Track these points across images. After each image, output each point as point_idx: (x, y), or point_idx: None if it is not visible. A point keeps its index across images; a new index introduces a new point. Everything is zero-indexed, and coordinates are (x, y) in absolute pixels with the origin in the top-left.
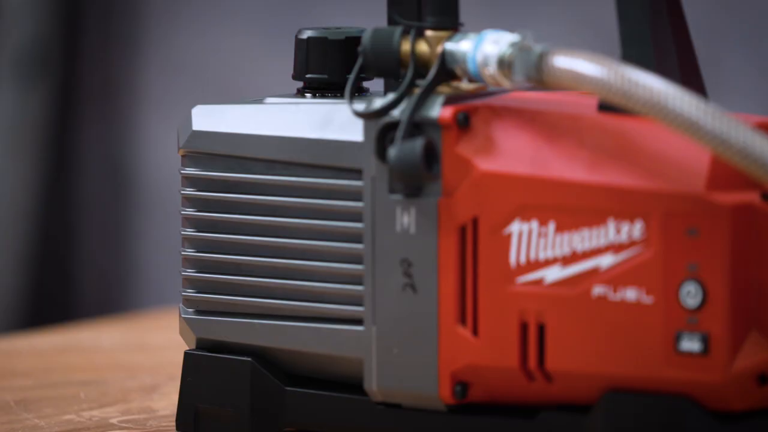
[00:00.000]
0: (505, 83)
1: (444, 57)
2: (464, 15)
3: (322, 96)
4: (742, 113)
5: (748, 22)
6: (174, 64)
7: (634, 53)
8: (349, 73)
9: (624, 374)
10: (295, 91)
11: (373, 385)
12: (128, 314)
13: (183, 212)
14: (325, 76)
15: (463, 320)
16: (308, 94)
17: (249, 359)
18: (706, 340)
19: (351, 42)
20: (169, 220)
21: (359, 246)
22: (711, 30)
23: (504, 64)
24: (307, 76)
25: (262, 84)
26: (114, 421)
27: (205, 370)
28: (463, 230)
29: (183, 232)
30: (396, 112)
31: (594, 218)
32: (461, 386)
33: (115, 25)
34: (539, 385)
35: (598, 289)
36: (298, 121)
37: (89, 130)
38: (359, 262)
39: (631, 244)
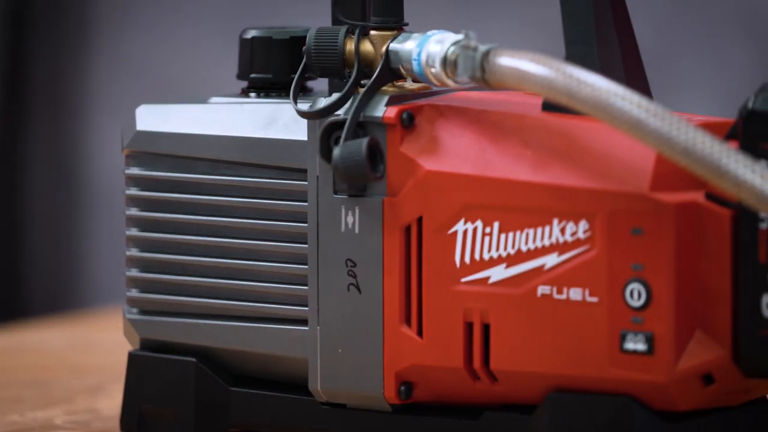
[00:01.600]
0: (450, 83)
1: (388, 57)
2: (419, 15)
3: (267, 96)
4: (687, 113)
5: (704, 21)
6: (122, 63)
7: (578, 53)
8: (294, 72)
9: (569, 374)
10: (239, 91)
11: (317, 385)
12: (74, 314)
13: (127, 212)
14: (270, 76)
15: (407, 320)
16: (253, 94)
17: (193, 359)
18: (650, 340)
19: (295, 42)
20: (116, 220)
21: (303, 246)
22: (666, 29)
23: (448, 63)
24: (252, 75)
25: (211, 83)
26: (58, 421)
27: (149, 371)
28: (407, 230)
29: (127, 232)
30: (340, 112)
31: (538, 218)
32: (406, 386)
33: (63, 23)
34: (484, 385)
35: (542, 289)
36: (243, 120)
37: (36, 129)
38: (304, 263)
39: (576, 243)
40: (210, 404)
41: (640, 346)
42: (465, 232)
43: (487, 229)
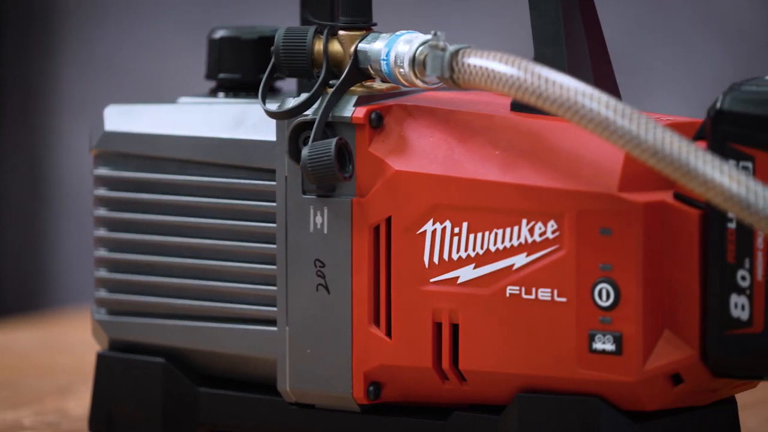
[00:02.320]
0: (418, 83)
1: (357, 57)
2: (388, 15)
3: (235, 96)
4: (656, 113)
5: (672, 21)
6: (90, 63)
7: (546, 53)
8: (262, 72)
9: (537, 374)
10: (208, 91)
11: (286, 385)
12: (43, 314)
13: (95, 213)
14: (238, 76)
15: (376, 320)
16: (221, 94)
17: (162, 360)
18: (619, 340)
19: (264, 42)
20: (85, 220)
21: (272, 246)
22: (635, 29)
23: (417, 63)
24: (220, 75)
25: (179, 83)
26: (27, 422)
27: (117, 372)
28: (376, 230)
29: (95, 233)
30: (309, 112)
31: (507, 218)
32: (375, 386)
33: (32, 24)
34: (453, 385)
35: (511, 289)
36: (211, 121)
37: (5, 130)
38: (272, 263)
39: (545, 243)
40: (178, 404)
41: (609, 346)
42: (434, 233)
43: (456, 230)
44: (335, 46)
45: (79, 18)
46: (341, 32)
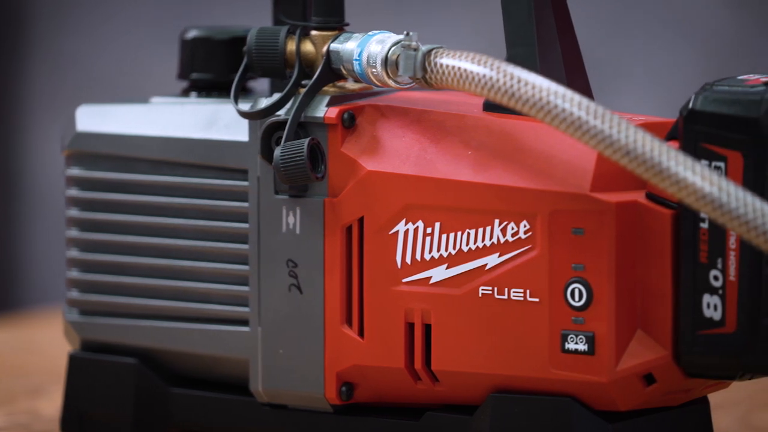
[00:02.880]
0: (391, 83)
1: (329, 57)
2: (361, 15)
3: (208, 96)
4: (628, 113)
5: (644, 22)
6: (61, 63)
7: (519, 53)
8: (235, 72)
9: (510, 374)
10: (180, 91)
11: (258, 386)
12: (16, 315)
13: (67, 213)
14: (211, 76)
15: (348, 321)
16: (194, 94)
17: (134, 360)
18: (591, 340)
19: (236, 42)
20: (57, 220)
21: (245, 246)
22: (607, 29)
23: (389, 63)
24: (193, 75)
25: (151, 83)
26: None
27: (89, 372)
28: (348, 230)
29: (67, 233)
30: (281, 112)
31: (479, 218)
32: (347, 387)
33: (1, 24)
34: (425, 386)
35: (484, 289)
36: (184, 121)
37: None
38: (245, 263)
39: (517, 243)
40: (151, 405)
41: (581, 346)
42: (406, 233)
43: (428, 230)
44: (308, 46)
45: (50, 18)
46: (314, 32)
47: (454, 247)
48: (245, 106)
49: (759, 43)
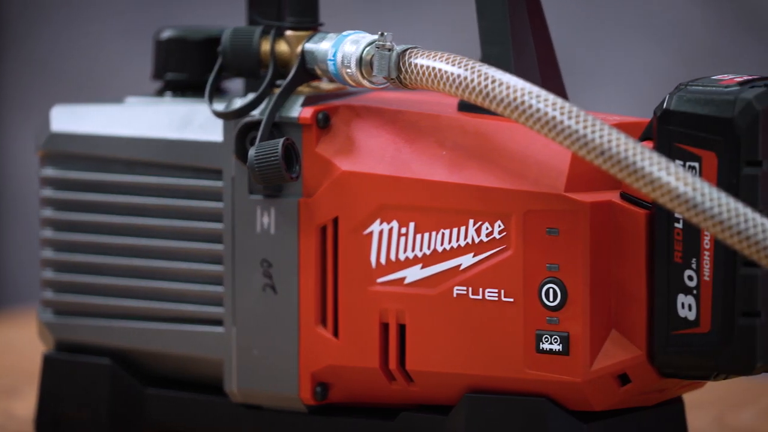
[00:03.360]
0: (365, 83)
1: (304, 57)
2: (335, 15)
3: (183, 96)
4: (602, 113)
5: (618, 21)
6: (36, 64)
7: (493, 53)
8: (210, 73)
9: (485, 374)
10: (155, 91)
11: (233, 386)
12: None
13: (42, 214)
14: (185, 76)
15: (323, 321)
16: (168, 94)
17: (108, 361)
18: (566, 340)
19: (211, 42)
20: (32, 220)
21: (219, 246)
22: (581, 29)
23: (364, 64)
24: (167, 76)
25: (126, 83)
26: None
27: (63, 372)
28: (323, 230)
29: (41, 234)
30: (256, 112)
31: (454, 218)
32: (322, 387)
33: None
34: (400, 386)
35: (458, 289)
36: (158, 121)
37: None
38: (219, 263)
39: (491, 244)
40: (125, 405)
41: (556, 347)
42: (381, 233)
43: (403, 230)
44: (282, 47)
45: (23, 17)
46: (288, 32)
47: (429, 248)
48: (220, 107)
49: (732, 43)
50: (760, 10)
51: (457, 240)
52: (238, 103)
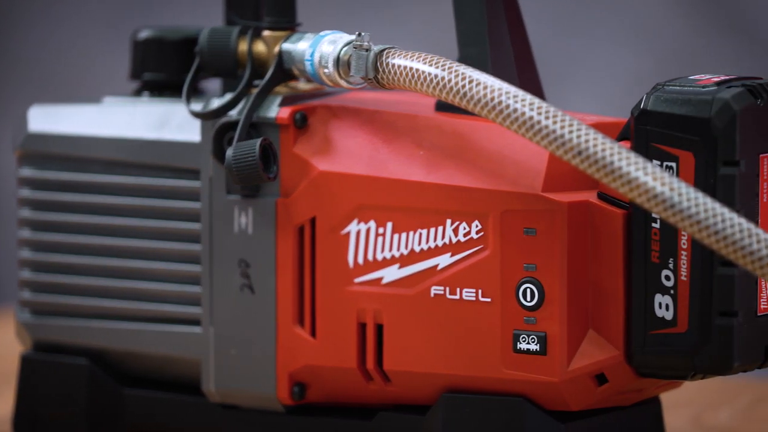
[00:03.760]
0: (343, 83)
1: (281, 57)
2: (313, 16)
3: (160, 96)
4: (580, 113)
5: (596, 21)
6: (11, 63)
7: (471, 53)
8: (187, 73)
9: (462, 374)
10: (132, 91)
11: (210, 386)
12: None
13: (19, 214)
14: (163, 76)
15: (301, 321)
16: (146, 94)
17: (85, 361)
18: (543, 340)
19: (188, 42)
20: (10, 220)
21: (197, 246)
22: (559, 29)
23: (341, 64)
24: (145, 76)
25: (103, 83)
26: None
27: (41, 372)
28: (301, 230)
29: (19, 234)
30: (233, 113)
31: (431, 218)
32: (299, 387)
33: None
34: (377, 386)
35: (435, 289)
36: (136, 121)
37: None
38: (197, 263)
39: (469, 244)
40: (103, 406)
41: (533, 346)
42: (358, 233)
43: (381, 230)
44: (259, 47)
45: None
46: (266, 32)
47: (406, 247)
48: (197, 107)
49: (708, 43)
50: (734, 10)
51: (435, 240)
52: (216, 103)
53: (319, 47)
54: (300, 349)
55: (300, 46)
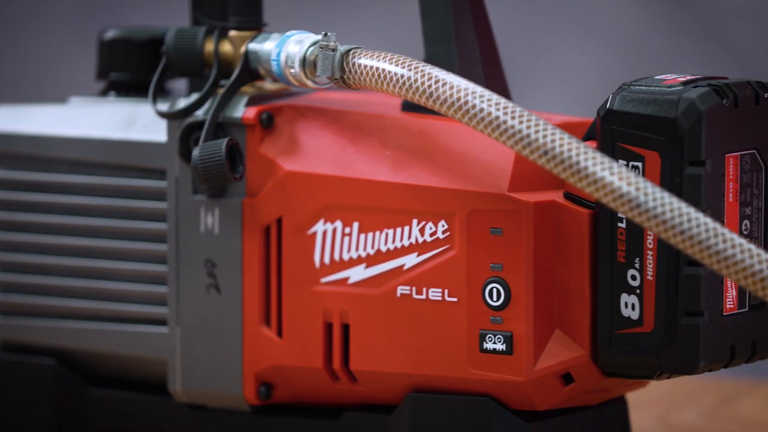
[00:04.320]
0: (309, 83)
1: (247, 57)
2: (279, 15)
3: (126, 96)
4: (546, 112)
5: (562, 21)
6: None
7: (437, 52)
8: (153, 73)
9: (428, 374)
10: (98, 91)
11: (177, 386)
12: None
13: None
14: (129, 76)
15: (267, 321)
16: (112, 94)
17: (52, 361)
18: (509, 340)
19: (155, 42)
20: None
21: (163, 246)
22: (525, 28)
23: (307, 64)
24: (111, 76)
25: (68, 83)
26: None
27: (8, 373)
28: (267, 230)
29: None
30: (200, 113)
31: (398, 218)
32: (266, 387)
33: None
34: (344, 386)
35: (402, 289)
36: (102, 121)
37: None
38: (163, 263)
39: (435, 243)
40: (69, 406)
41: (499, 346)
42: (324, 233)
43: (347, 230)
44: (226, 47)
45: None
46: (232, 32)
47: (373, 247)
48: (164, 107)
49: (673, 43)
50: (700, 10)
51: (401, 240)
52: (182, 103)
53: (285, 47)
54: (266, 349)
55: (266, 46)
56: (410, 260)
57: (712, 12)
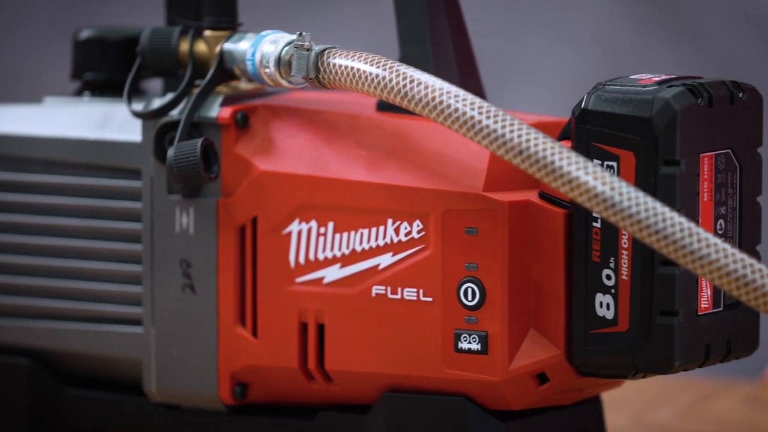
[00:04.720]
0: (284, 83)
1: (222, 57)
2: (254, 15)
3: (101, 96)
4: (521, 112)
5: (537, 20)
6: None
7: (412, 52)
8: (128, 73)
9: (404, 374)
10: (73, 91)
11: (152, 386)
12: None
13: None
14: (104, 76)
15: (242, 321)
16: (87, 94)
17: (27, 361)
18: (484, 340)
19: (130, 42)
20: None
21: (138, 246)
22: (501, 28)
23: (282, 63)
24: (86, 76)
25: (43, 83)
26: None
27: None
28: (242, 230)
29: None
30: (174, 113)
31: (373, 218)
32: (241, 387)
33: None
34: (319, 385)
35: (377, 289)
36: (77, 121)
37: None
38: (138, 263)
39: (410, 243)
40: (44, 406)
41: (474, 346)
42: (299, 233)
43: (322, 229)
44: (201, 47)
45: None
46: (207, 32)
47: (348, 247)
48: (138, 107)
49: (649, 43)
50: (675, 10)
51: (376, 240)
52: (157, 103)
53: (260, 47)
54: (241, 349)
55: (241, 45)
56: (385, 260)
57: (687, 11)
